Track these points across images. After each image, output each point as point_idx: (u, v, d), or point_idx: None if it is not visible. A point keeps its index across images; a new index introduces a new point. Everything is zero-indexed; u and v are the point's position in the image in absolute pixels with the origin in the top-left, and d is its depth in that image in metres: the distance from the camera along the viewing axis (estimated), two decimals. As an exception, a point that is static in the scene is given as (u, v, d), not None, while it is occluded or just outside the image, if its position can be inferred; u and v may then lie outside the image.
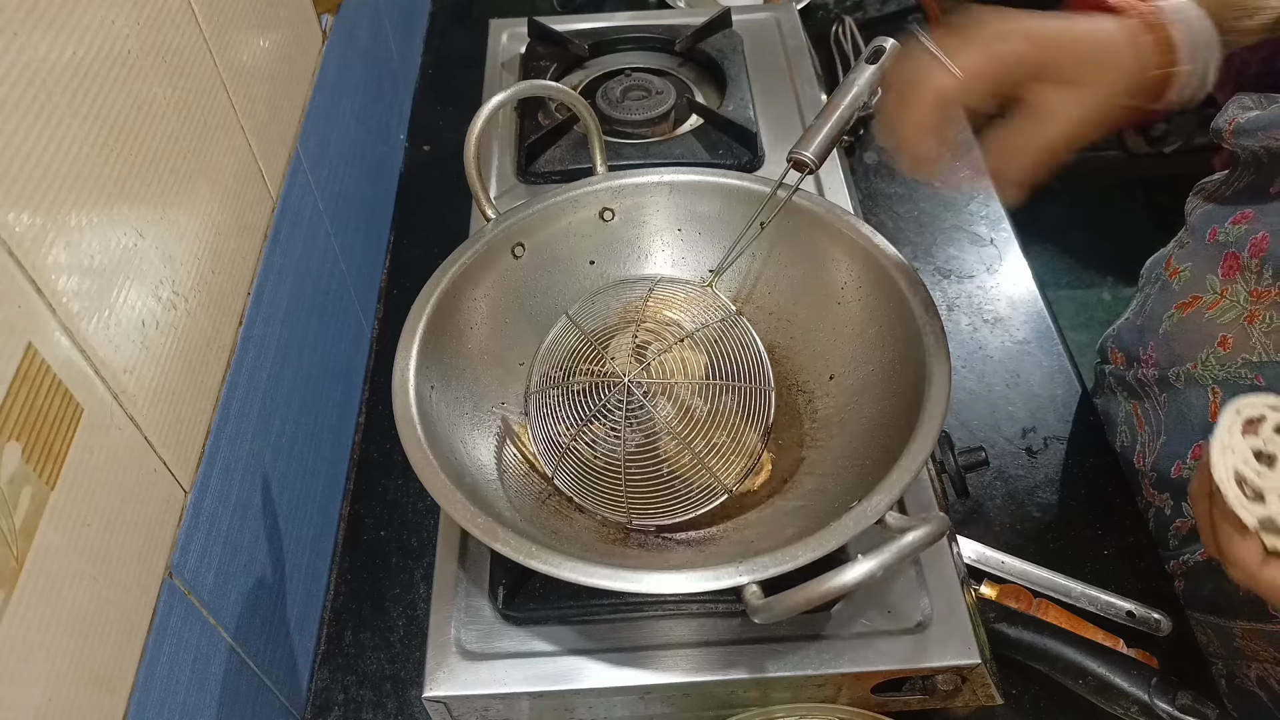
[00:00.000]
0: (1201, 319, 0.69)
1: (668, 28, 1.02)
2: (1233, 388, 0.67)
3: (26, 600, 0.40)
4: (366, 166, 0.95)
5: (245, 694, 0.60)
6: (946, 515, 0.53)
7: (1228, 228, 0.69)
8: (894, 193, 1.04)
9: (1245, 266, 0.65)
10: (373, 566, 0.77)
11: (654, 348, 0.64)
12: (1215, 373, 0.68)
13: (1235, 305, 0.66)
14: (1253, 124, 0.67)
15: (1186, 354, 0.71)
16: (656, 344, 0.64)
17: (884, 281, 0.63)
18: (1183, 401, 0.71)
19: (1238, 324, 0.66)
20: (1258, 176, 0.69)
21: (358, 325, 0.89)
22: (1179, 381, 0.71)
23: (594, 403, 0.62)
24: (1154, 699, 0.59)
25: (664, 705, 0.59)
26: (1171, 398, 0.73)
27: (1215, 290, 0.69)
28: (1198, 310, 0.70)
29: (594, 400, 0.62)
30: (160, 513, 0.52)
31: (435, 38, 1.25)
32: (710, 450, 0.60)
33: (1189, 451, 0.71)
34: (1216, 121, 0.72)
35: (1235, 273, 0.67)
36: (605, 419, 0.62)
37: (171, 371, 0.53)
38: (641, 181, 0.71)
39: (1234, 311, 0.66)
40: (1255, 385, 0.66)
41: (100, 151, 0.47)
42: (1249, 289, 0.65)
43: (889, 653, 0.57)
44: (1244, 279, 0.66)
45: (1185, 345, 0.71)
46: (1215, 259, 0.69)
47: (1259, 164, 0.69)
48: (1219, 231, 0.69)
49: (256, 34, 0.69)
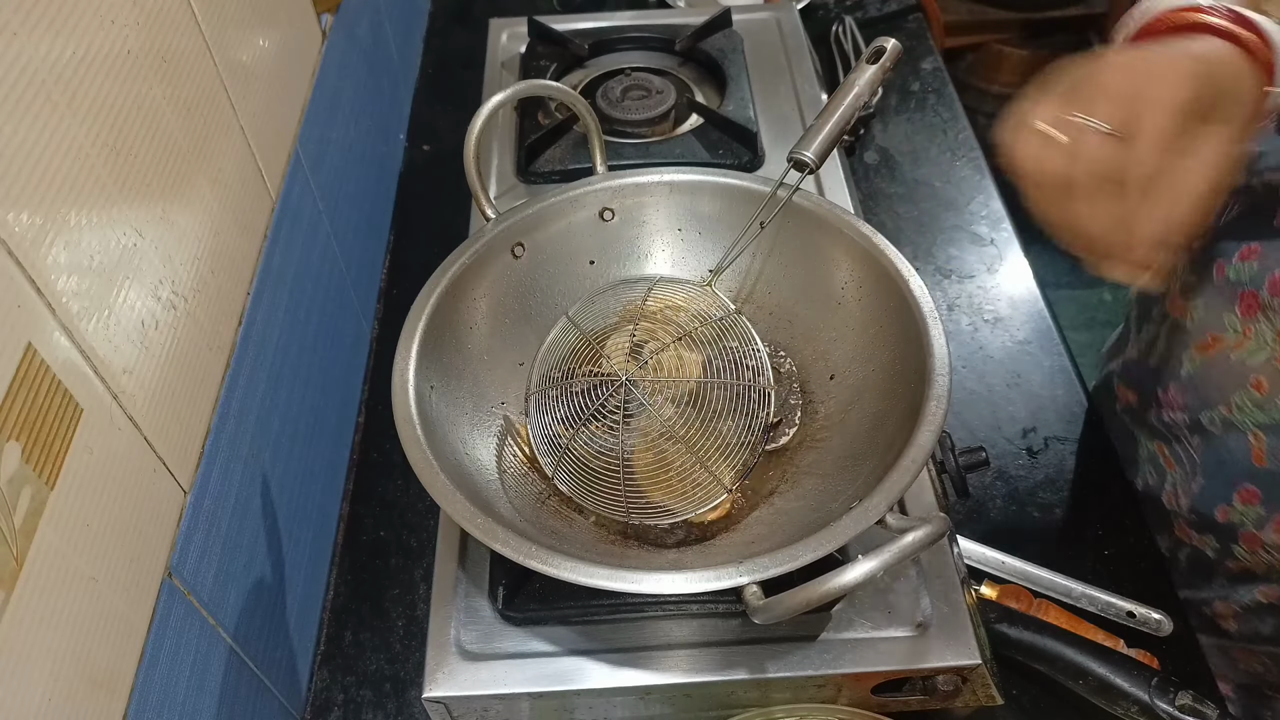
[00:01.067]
0: (1228, 361, 0.67)
1: (668, 27, 1.01)
2: (1276, 433, 0.65)
3: (26, 600, 0.40)
4: (366, 166, 0.95)
5: (245, 694, 0.60)
6: (947, 515, 0.53)
7: (1236, 265, 0.66)
8: (894, 193, 1.04)
9: (1268, 305, 0.63)
10: (373, 567, 0.77)
11: (650, 346, 0.64)
12: (1255, 417, 0.65)
13: (1264, 347, 0.64)
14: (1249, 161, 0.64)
15: (1216, 397, 0.68)
16: (654, 343, 0.64)
17: (884, 281, 0.63)
18: (1220, 446, 0.69)
19: (1269, 365, 0.64)
20: (1253, 208, 0.66)
21: (358, 325, 0.89)
22: (1214, 426, 0.69)
23: (592, 402, 0.62)
24: (1154, 699, 0.59)
25: (664, 706, 0.59)
26: (1206, 441, 0.70)
27: (1237, 330, 0.66)
28: (1221, 352, 0.67)
29: (592, 400, 0.62)
30: (160, 513, 0.52)
31: (435, 37, 1.25)
32: (710, 449, 0.60)
33: (1234, 494, 0.69)
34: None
35: (1256, 312, 0.64)
36: (603, 418, 0.62)
37: (171, 372, 0.53)
38: (641, 181, 0.71)
39: (1264, 353, 0.64)
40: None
41: (100, 151, 0.47)
42: (1275, 329, 0.63)
43: (889, 653, 0.57)
44: (1267, 318, 0.63)
45: (1213, 389, 0.69)
46: (1230, 297, 0.67)
47: (1253, 194, 0.67)
48: (1226, 268, 0.67)
49: (256, 34, 0.69)
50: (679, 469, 0.61)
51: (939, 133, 1.11)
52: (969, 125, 1.12)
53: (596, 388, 0.62)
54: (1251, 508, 0.68)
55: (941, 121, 1.12)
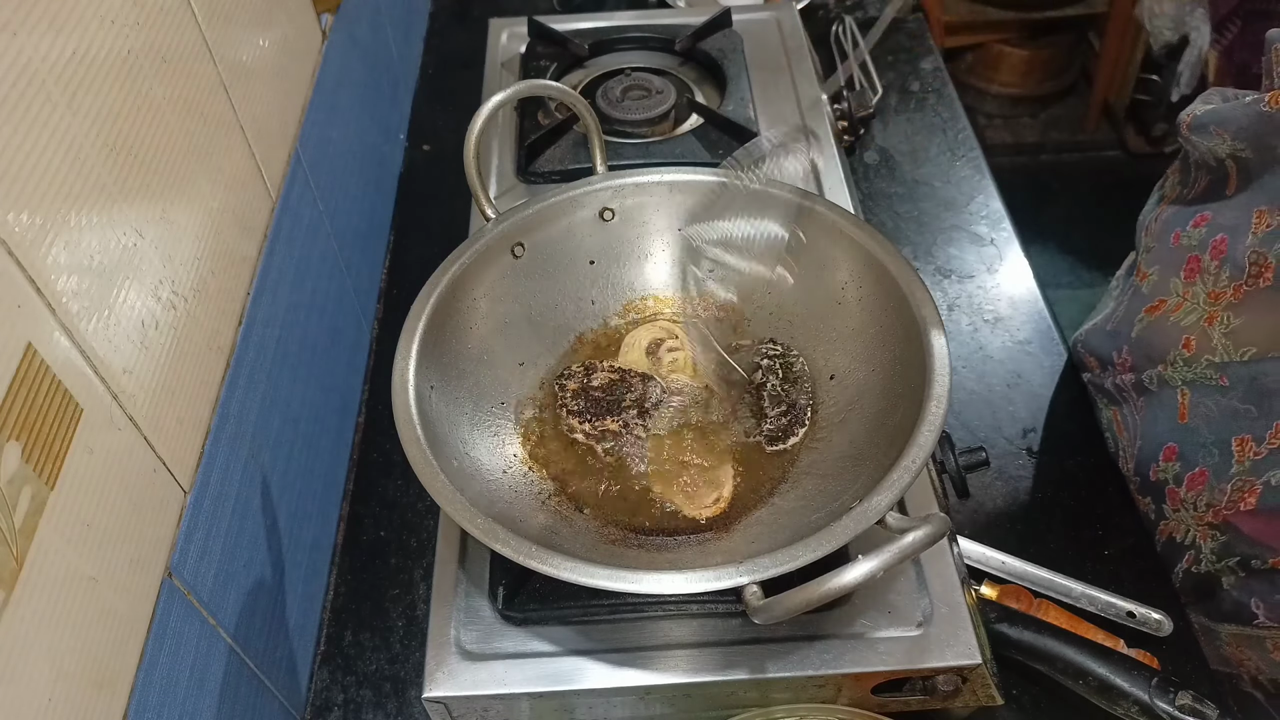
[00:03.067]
0: (1166, 322, 0.70)
1: (668, 27, 1.01)
2: (1200, 389, 0.68)
3: (26, 600, 0.40)
4: (366, 166, 0.95)
5: (244, 694, 0.60)
6: (947, 515, 0.53)
7: (1189, 230, 0.70)
8: (894, 193, 1.04)
9: (1205, 269, 0.67)
10: (373, 566, 0.77)
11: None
12: (1183, 374, 0.69)
13: (1196, 308, 0.67)
14: (1207, 118, 0.67)
15: (1156, 357, 0.72)
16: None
17: (884, 281, 0.63)
18: (1156, 404, 0.72)
19: (1199, 326, 0.67)
20: (1214, 178, 0.69)
21: (358, 325, 0.89)
22: (1152, 385, 0.72)
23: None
24: (1154, 699, 0.59)
25: (664, 706, 0.59)
26: (1148, 402, 0.73)
27: (1179, 294, 0.70)
28: (1164, 314, 0.71)
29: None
30: (159, 513, 0.52)
31: (435, 37, 1.25)
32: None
33: (1159, 452, 0.71)
34: (1181, 115, 0.72)
35: (1195, 275, 0.68)
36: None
37: (171, 372, 0.53)
38: (641, 181, 0.71)
39: (1195, 314, 0.68)
40: (1220, 386, 0.67)
41: (100, 151, 0.47)
42: (1207, 291, 0.66)
43: (889, 653, 0.57)
44: (1203, 281, 0.67)
45: (1154, 349, 0.72)
46: (1179, 263, 0.70)
47: (1214, 169, 0.69)
48: (1181, 235, 0.70)
49: (256, 34, 0.69)
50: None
51: (939, 133, 1.11)
52: (969, 125, 1.12)
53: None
54: (1171, 465, 0.70)
55: (941, 121, 1.12)
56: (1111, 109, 2.31)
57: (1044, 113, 2.43)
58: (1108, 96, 2.30)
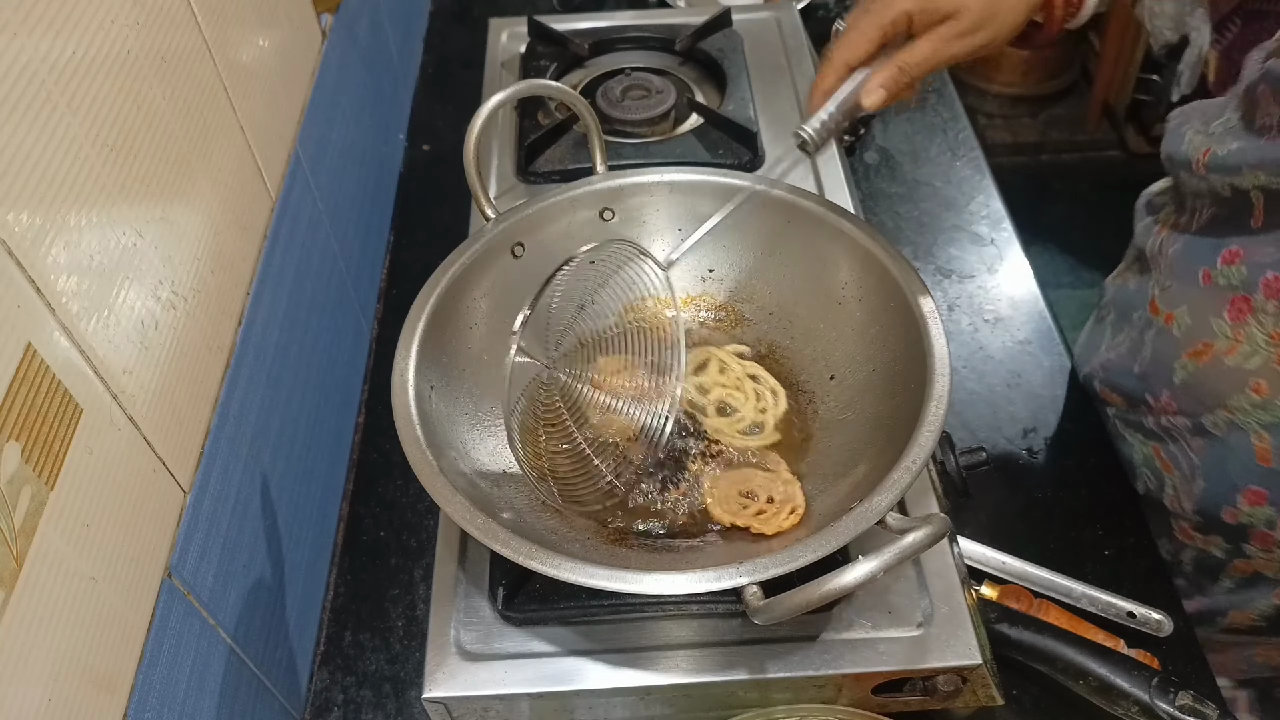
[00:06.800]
0: (1223, 366, 0.67)
1: (668, 27, 1.01)
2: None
3: (26, 600, 0.40)
4: (366, 166, 0.95)
5: (244, 694, 0.60)
6: (947, 516, 0.53)
7: (1222, 269, 0.66)
8: (894, 193, 1.04)
9: (1260, 309, 0.63)
10: (372, 567, 0.77)
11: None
12: (1259, 418, 0.66)
13: (1257, 350, 0.64)
14: (1235, 160, 0.63)
15: (1212, 402, 0.68)
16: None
17: (884, 281, 0.63)
18: (1223, 447, 0.69)
19: (1269, 368, 0.64)
20: (1230, 210, 0.66)
21: (357, 325, 0.89)
22: (1216, 429, 0.69)
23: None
24: (1154, 699, 0.59)
25: (664, 706, 0.59)
26: (1210, 443, 0.70)
27: (1227, 335, 0.66)
28: (1215, 358, 0.67)
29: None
30: (159, 513, 0.52)
31: (435, 37, 1.25)
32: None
33: (1239, 496, 0.69)
34: (1176, 149, 0.69)
35: (1246, 315, 0.64)
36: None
37: (171, 372, 0.53)
38: (641, 181, 0.71)
39: (1258, 357, 0.64)
40: None
41: (100, 151, 0.47)
42: (1267, 333, 0.63)
43: (889, 653, 0.57)
44: (1258, 322, 0.64)
45: (1208, 394, 0.69)
46: (1219, 304, 0.66)
47: (1220, 197, 0.66)
48: (1213, 274, 0.67)
49: (256, 34, 0.69)
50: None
51: (939, 133, 1.11)
52: (969, 125, 1.12)
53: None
54: (1260, 509, 0.68)
55: (941, 121, 1.12)
56: (1112, 109, 2.31)
57: (1044, 113, 2.43)
58: (1108, 96, 2.30)
